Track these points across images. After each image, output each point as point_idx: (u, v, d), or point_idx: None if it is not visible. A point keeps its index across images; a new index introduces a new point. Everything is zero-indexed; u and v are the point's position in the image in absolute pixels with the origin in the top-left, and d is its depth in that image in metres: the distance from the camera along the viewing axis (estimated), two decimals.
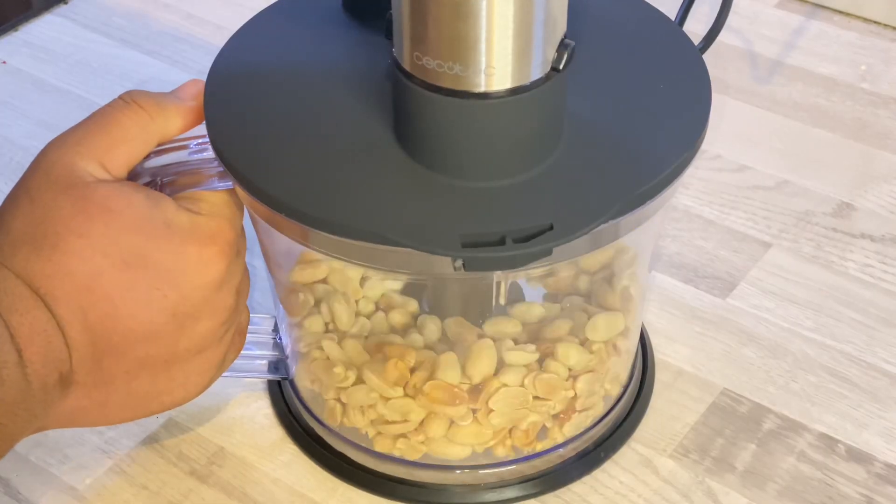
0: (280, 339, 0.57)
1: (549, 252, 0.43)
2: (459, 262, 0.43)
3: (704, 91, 0.50)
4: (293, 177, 0.46)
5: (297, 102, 0.49)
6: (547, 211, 0.44)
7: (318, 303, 0.52)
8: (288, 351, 0.56)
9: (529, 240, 0.43)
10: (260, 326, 0.57)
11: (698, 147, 0.48)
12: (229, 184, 0.48)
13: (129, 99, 0.48)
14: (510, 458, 0.54)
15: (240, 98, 0.49)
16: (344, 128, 0.48)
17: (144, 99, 0.48)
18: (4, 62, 0.83)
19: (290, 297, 0.52)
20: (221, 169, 0.48)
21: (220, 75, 0.50)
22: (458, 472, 0.54)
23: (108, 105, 0.48)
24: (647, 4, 0.55)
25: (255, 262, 0.56)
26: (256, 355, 0.57)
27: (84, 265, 0.44)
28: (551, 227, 0.43)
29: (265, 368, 0.58)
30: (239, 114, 0.49)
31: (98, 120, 0.47)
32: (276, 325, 0.58)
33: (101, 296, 0.44)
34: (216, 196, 0.48)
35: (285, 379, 0.58)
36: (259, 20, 0.54)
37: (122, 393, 0.47)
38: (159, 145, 0.48)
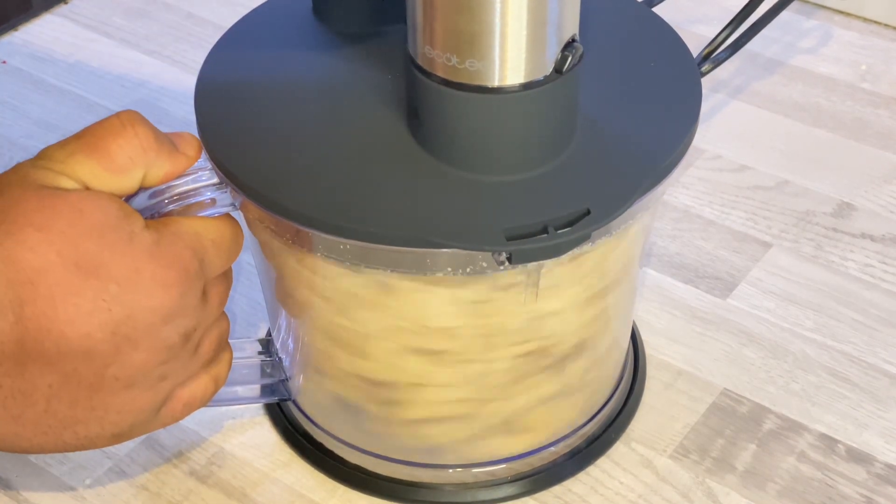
0: (279, 359, 0.56)
1: (588, 236, 0.44)
2: (503, 256, 0.44)
3: (692, 71, 0.51)
4: (319, 191, 0.45)
5: (298, 113, 0.48)
6: (575, 198, 0.45)
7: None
8: (290, 371, 0.56)
9: (570, 226, 0.44)
10: (244, 353, 0.56)
11: (695, 128, 0.49)
12: (223, 209, 0.47)
13: (129, 122, 0.45)
14: (503, 457, 0.54)
15: (238, 119, 0.49)
16: (353, 132, 0.47)
17: (143, 127, 0.46)
18: (4, 62, 0.83)
19: (307, 316, 0.52)
20: (212, 195, 0.47)
21: (209, 98, 0.50)
22: (450, 471, 0.55)
23: (104, 126, 0.45)
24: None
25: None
26: (246, 379, 0.56)
27: (34, 258, 0.42)
28: (588, 212, 0.44)
29: (258, 393, 0.57)
30: (242, 136, 0.48)
31: (89, 142, 0.45)
32: (267, 346, 0.57)
33: (43, 292, 0.42)
34: (191, 224, 0.46)
35: (285, 400, 0.57)
36: (234, 34, 0.53)
37: (40, 410, 0.44)
38: (142, 186, 0.46)
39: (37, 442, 0.46)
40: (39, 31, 0.86)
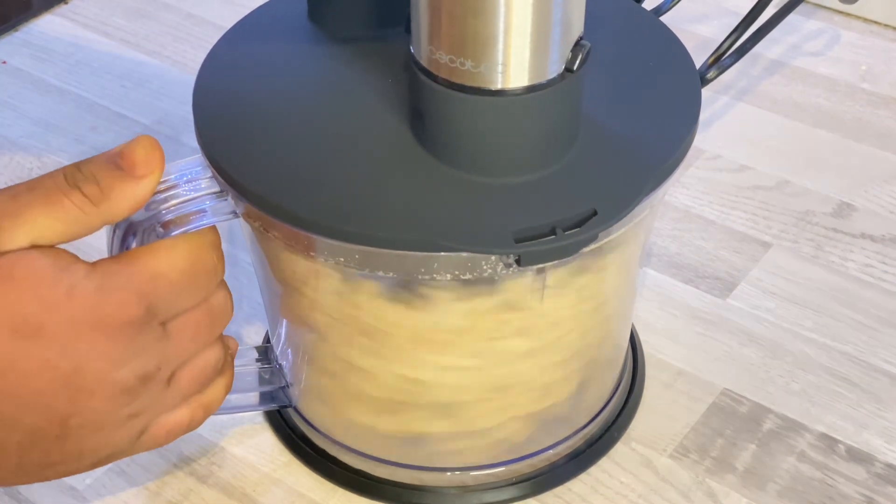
0: (278, 365, 0.56)
1: (595, 237, 0.44)
2: (512, 259, 0.44)
3: (691, 72, 0.51)
4: (324, 196, 0.45)
5: (298, 118, 0.48)
6: (582, 199, 0.45)
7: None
8: (290, 378, 0.56)
9: (578, 227, 0.44)
10: (241, 360, 0.55)
11: (696, 128, 0.49)
12: (223, 217, 0.47)
13: (73, 182, 0.44)
14: (504, 459, 0.54)
15: (237, 125, 0.48)
16: (356, 136, 0.47)
17: (89, 187, 0.44)
18: (4, 62, 0.83)
19: (311, 323, 0.52)
20: (212, 203, 0.47)
21: (207, 105, 0.49)
22: (448, 474, 0.55)
23: (55, 181, 0.44)
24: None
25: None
26: (245, 388, 0.56)
27: None
28: (595, 213, 0.44)
29: (256, 401, 0.57)
30: (243, 142, 0.48)
31: (42, 196, 0.44)
32: (266, 353, 0.57)
33: None
34: (149, 265, 0.45)
35: (286, 407, 0.57)
36: (230, 39, 0.53)
37: (14, 463, 0.45)
38: (105, 224, 0.45)
39: (23, 482, 0.46)
40: (39, 31, 0.86)
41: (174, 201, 0.47)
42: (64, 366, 0.43)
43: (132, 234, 0.46)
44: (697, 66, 0.52)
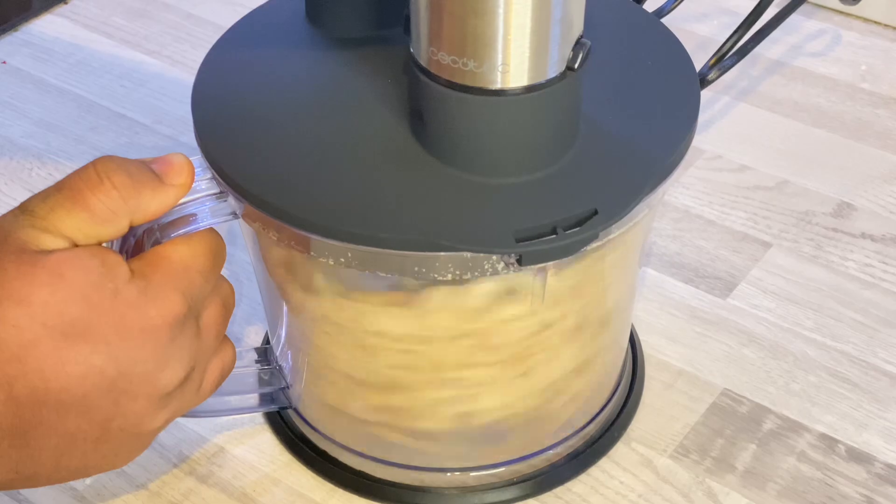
0: (278, 367, 0.56)
1: (596, 236, 0.44)
2: (513, 258, 0.44)
3: (690, 72, 0.51)
4: (324, 196, 0.45)
5: (297, 119, 0.48)
6: (582, 199, 0.45)
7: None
8: (290, 379, 0.56)
9: (579, 226, 0.44)
10: (240, 361, 0.55)
11: (695, 127, 0.49)
12: (223, 219, 0.47)
13: (104, 174, 0.44)
14: (505, 460, 0.54)
15: (237, 126, 0.48)
16: (355, 136, 0.47)
17: (119, 177, 0.44)
18: (4, 62, 0.83)
19: (312, 324, 0.51)
20: (212, 205, 0.46)
21: (206, 106, 0.49)
22: (449, 474, 0.54)
23: (81, 177, 0.44)
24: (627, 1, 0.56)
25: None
26: (244, 389, 0.56)
27: (18, 335, 0.41)
28: (596, 213, 0.44)
29: (256, 402, 0.57)
30: (242, 143, 0.47)
31: (69, 196, 0.43)
32: (265, 354, 0.56)
33: (32, 367, 0.41)
34: (181, 257, 0.45)
35: (286, 408, 0.57)
36: (227, 41, 0.53)
37: (51, 467, 0.44)
38: (132, 225, 0.45)
39: (54, 483, 0.46)
40: (39, 31, 0.86)
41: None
42: (110, 370, 0.43)
43: (131, 235, 0.46)
44: (698, 66, 0.52)
